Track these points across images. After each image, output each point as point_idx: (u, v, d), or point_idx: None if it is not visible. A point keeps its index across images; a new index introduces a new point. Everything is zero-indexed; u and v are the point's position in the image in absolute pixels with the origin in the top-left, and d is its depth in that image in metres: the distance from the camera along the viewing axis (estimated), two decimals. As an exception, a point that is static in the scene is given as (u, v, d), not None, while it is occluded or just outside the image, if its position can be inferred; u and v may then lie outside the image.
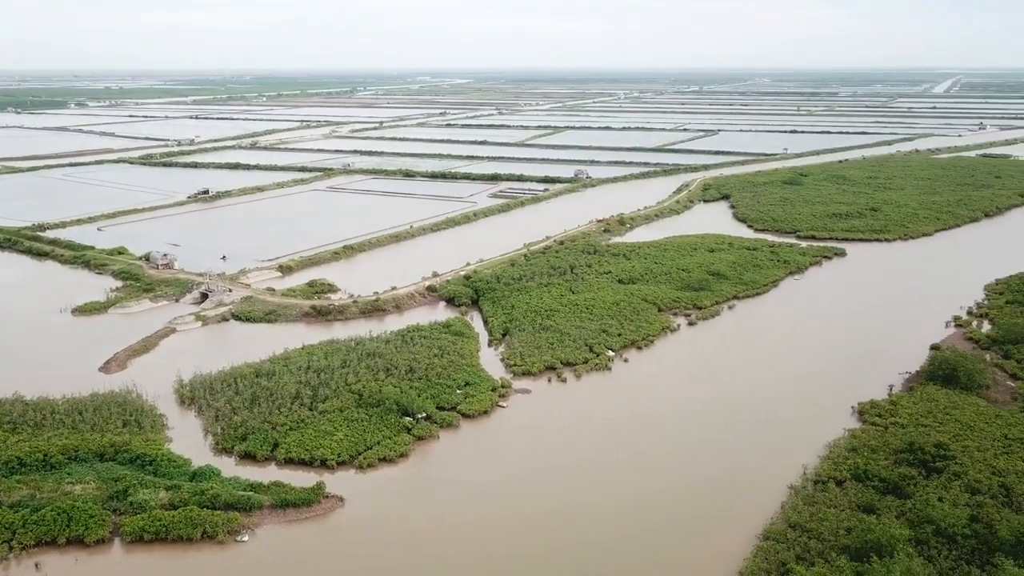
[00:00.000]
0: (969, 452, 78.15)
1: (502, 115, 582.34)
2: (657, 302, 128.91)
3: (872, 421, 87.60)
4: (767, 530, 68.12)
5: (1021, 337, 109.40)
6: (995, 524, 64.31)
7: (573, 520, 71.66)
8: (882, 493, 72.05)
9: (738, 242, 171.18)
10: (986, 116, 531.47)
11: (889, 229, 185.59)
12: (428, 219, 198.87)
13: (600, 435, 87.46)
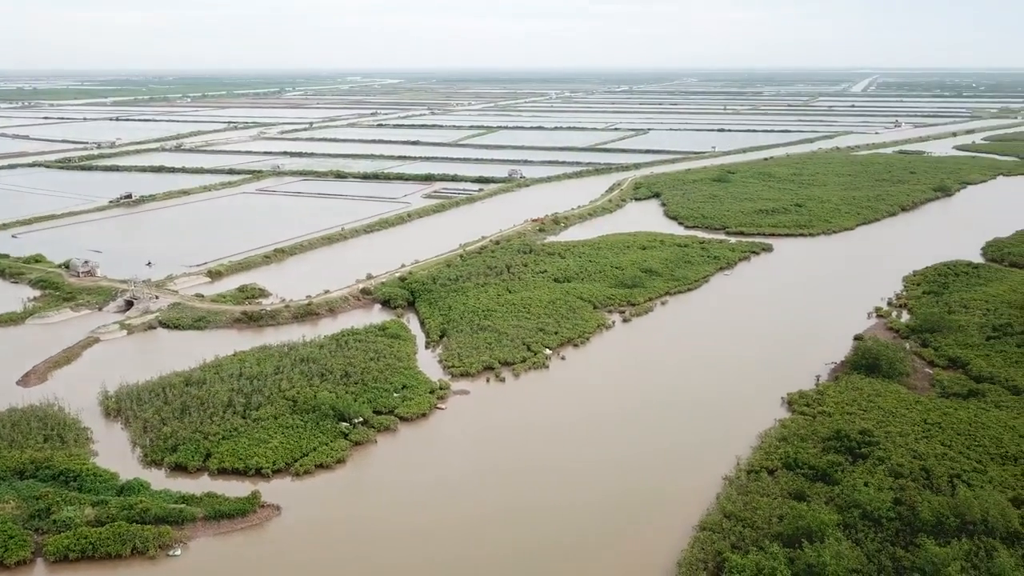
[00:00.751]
0: (892, 437, 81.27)
1: (434, 115, 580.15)
2: (592, 300, 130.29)
3: (801, 411, 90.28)
4: (703, 521, 69.53)
5: (937, 326, 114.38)
6: (917, 506, 67.08)
7: (514, 520, 71.84)
8: (812, 480, 74.34)
9: (669, 239, 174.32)
10: (901, 114, 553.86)
11: (813, 224, 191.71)
12: (361, 220, 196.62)
13: (539, 434, 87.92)
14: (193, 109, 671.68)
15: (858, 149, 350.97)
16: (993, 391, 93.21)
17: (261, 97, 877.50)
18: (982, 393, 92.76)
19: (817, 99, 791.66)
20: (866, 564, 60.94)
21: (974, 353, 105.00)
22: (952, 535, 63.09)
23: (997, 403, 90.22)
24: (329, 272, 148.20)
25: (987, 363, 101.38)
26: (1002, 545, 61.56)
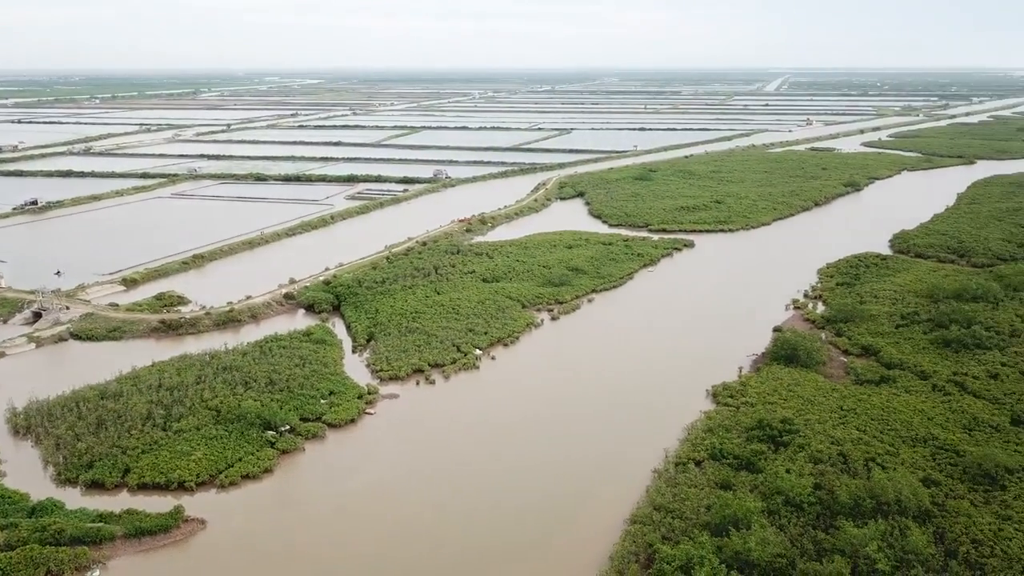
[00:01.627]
0: (811, 425, 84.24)
1: (356, 115, 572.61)
2: (521, 299, 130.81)
3: (725, 402, 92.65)
4: (634, 514, 70.64)
5: (850, 316, 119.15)
6: (836, 490, 69.73)
7: (446, 522, 71.49)
8: (736, 469, 76.40)
9: (594, 238, 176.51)
10: (812, 112, 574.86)
11: (732, 220, 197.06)
12: (283, 224, 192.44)
13: (470, 435, 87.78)
14: (102, 111, 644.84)
15: (773, 147, 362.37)
16: (903, 377, 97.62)
17: (175, 98, 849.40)
18: (893, 379, 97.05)
19: (733, 98, 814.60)
20: (789, 548, 62.96)
21: (885, 341, 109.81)
22: (869, 516, 65.75)
23: (907, 388, 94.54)
24: (251, 277, 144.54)
25: (897, 350, 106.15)
26: (914, 524, 64.54)
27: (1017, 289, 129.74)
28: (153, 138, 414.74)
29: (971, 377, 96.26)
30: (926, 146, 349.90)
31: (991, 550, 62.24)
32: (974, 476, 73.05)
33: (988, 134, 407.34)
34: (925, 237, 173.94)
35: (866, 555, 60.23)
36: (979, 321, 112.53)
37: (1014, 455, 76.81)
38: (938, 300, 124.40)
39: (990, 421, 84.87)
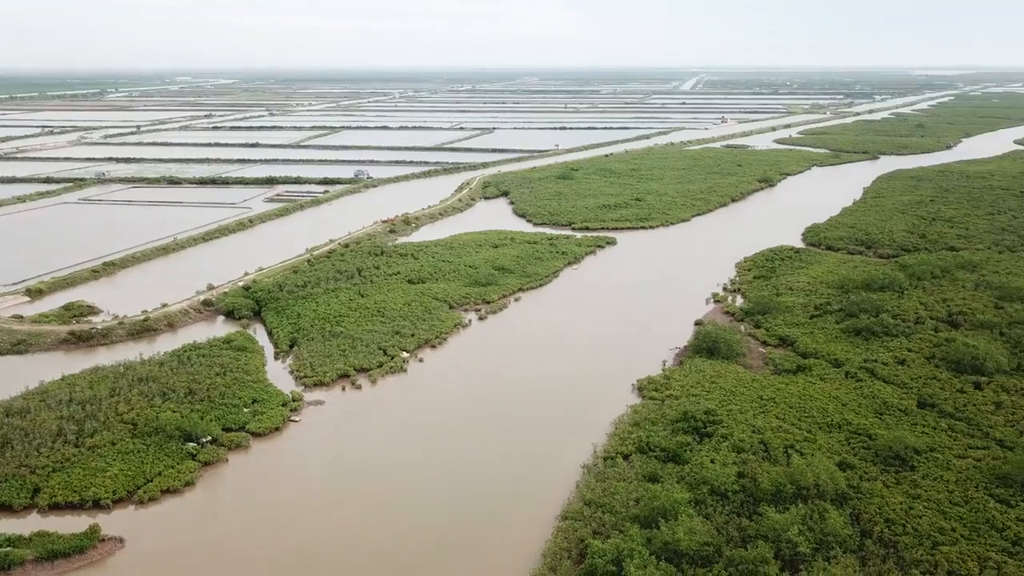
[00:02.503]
0: (733, 415, 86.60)
1: (274, 116, 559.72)
2: (447, 300, 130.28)
3: (650, 396, 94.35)
4: (565, 510, 71.21)
5: (767, 308, 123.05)
6: (758, 477, 71.89)
7: (376, 527, 70.57)
8: (663, 462, 77.89)
9: (519, 236, 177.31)
10: (726, 111, 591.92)
11: (653, 217, 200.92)
12: (199, 228, 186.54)
13: (399, 438, 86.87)
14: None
15: (690, 144, 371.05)
16: (818, 365, 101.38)
17: (80, 99, 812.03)
18: (808, 368, 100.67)
19: (651, 97, 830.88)
20: (716, 536, 64.58)
21: (800, 331, 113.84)
22: (790, 501, 68.01)
23: (822, 376, 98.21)
24: (166, 284, 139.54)
25: (811, 340, 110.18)
26: (832, 506, 67.10)
27: (920, 278, 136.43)
28: (57, 141, 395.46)
29: (880, 363, 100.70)
30: (834, 143, 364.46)
31: (903, 528, 65.20)
32: (886, 458, 76.42)
33: (890, 130, 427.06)
34: (835, 230, 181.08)
35: (788, 539, 62.27)
36: (886, 310, 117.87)
37: (921, 436, 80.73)
38: (848, 290, 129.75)
39: (899, 405, 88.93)
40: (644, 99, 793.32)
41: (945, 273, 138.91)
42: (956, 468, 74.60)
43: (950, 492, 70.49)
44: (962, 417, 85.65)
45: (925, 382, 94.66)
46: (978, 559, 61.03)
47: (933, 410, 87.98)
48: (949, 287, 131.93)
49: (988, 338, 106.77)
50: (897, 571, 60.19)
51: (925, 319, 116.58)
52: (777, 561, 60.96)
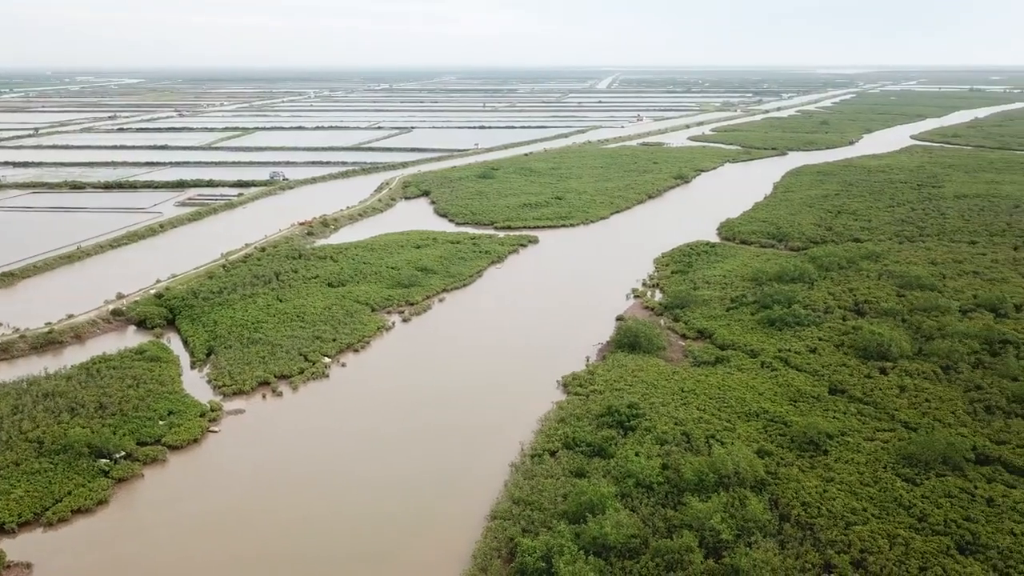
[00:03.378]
0: (656, 408, 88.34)
1: (183, 117, 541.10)
2: (369, 302, 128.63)
3: (575, 392, 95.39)
4: (494, 510, 71.30)
5: (685, 302, 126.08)
6: (681, 468, 73.55)
7: (300, 535, 69.09)
8: (590, 456, 78.87)
9: (442, 236, 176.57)
10: (642, 109, 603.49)
11: (573, 215, 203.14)
12: (106, 235, 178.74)
13: (322, 445, 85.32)
14: None
15: (607, 143, 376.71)
16: (735, 356, 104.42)
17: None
18: (726, 359, 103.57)
19: (568, 96, 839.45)
20: (643, 528, 65.77)
21: (717, 324, 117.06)
22: (712, 490, 69.85)
23: (739, 367, 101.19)
24: (72, 295, 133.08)
25: (728, 332, 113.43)
26: (752, 493, 69.25)
27: (828, 269, 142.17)
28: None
29: (794, 352, 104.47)
30: (744, 139, 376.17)
31: (818, 510, 67.82)
32: (801, 444, 79.35)
33: (796, 127, 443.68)
34: (748, 224, 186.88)
35: (711, 527, 63.94)
36: (798, 300, 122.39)
37: (833, 422, 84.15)
38: (762, 283, 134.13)
39: (812, 392, 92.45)
40: (562, 98, 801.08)
41: (851, 264, 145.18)
42: (866, 451, 78.05)
43: (861, 474, 73.70)
44: (870, 401, 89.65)
45: (835, 369, 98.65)
46: (888, 536, 63.99)
47: (843, 396, 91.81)
48: (855, 277, 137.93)
49: (892, 325, 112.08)
50: (814, 552, 62.54)
51: (834, 308, 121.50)
52: (701, 549, 62.52)
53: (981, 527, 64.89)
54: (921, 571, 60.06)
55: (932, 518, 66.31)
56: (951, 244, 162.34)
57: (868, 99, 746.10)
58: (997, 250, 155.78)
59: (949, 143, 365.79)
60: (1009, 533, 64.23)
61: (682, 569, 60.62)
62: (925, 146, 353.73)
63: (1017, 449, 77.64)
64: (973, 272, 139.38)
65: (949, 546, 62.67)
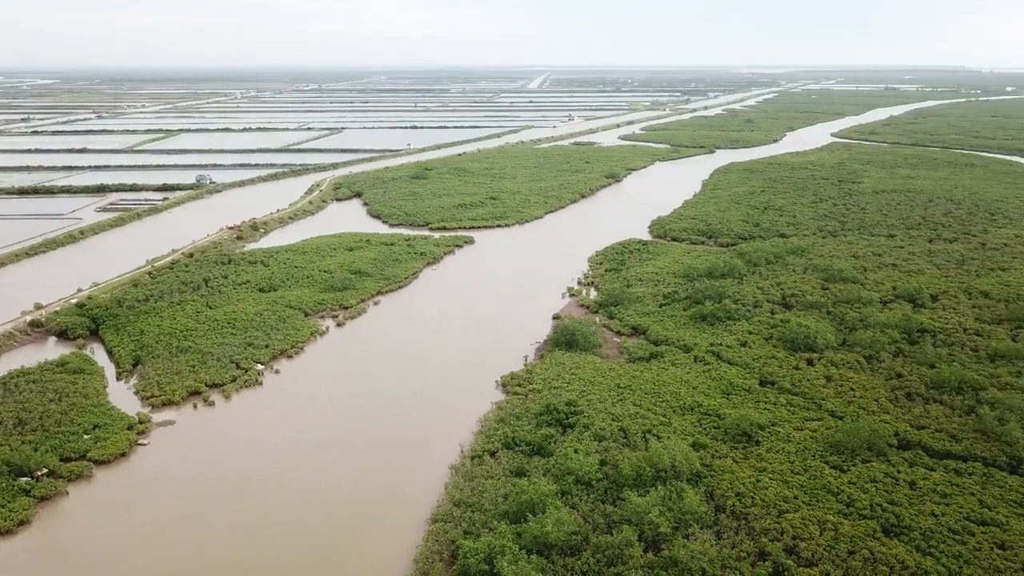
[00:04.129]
0: (593, 405, 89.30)
1: (102, 119, 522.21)
2: (303, 307, 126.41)
3: (514, 391, 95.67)
4: (435, 513, 70.96)
5: (620, 299, 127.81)
6: (619, 464, 74.52)
7: (237, 548, 67.49)
8: (529, 455, 79.21)
9: (376, 238, 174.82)
10: (573, 108, 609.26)
11: (508, 215, 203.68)
12: (21, 243, 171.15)
13: (257, 453, 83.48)
14: None
15: (540, 142, 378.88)
16: (669, 351, 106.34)
17: None
18: (661, 354, 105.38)
19: (500, 96, 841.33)
20: (583, 525, 66.40)
21: (651, 320, 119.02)
22: (650, 484, 70.99)
23: (673, 362, 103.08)
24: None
25: (662, 327, 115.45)
26: (688, 486, 70.61)
27: (756, 264, 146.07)
28: None
29: (725, 346, 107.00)
30: (673, 138, 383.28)
31: (752, 500, 69.62)
32: (734, 436, 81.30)
33: (723, 125, 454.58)
34: (678, 222, 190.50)
35: (650, 521, 64.97)
36: (728, 295, 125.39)
37: (764, 413, 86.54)
38: (693, 279, 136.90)
39: (743, 385, 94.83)
40: (493, 98, 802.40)
41: (778, 258, 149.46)
42: (795, 440, 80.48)
43: (791, 463, 75.96)
44: (798, 392, 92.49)
45: (765, 361, 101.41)
46: (818, 522, 66.12)
47: (773, 387, 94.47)
48: (782, 271, 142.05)
49: (817, 317, 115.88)
50: (748, 541, 64.16)
51: (762, 302, 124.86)
52: (641, 543, 63.46)
53: (904, 510, 67.67)
54: (849, 555, 62.26)
55: (859, 503, 68.84)
56: (871, 238, 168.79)
57: (790, 98, 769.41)
58: (913, 243, 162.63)
59: (867, 140, 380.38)
60: (930, 515, 67.15)
61: (622, 563, 61.45)
62: (845, 143, 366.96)
63: (936, 433, 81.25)
64: (892, 264, 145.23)
65: (875, 529, 65.15)
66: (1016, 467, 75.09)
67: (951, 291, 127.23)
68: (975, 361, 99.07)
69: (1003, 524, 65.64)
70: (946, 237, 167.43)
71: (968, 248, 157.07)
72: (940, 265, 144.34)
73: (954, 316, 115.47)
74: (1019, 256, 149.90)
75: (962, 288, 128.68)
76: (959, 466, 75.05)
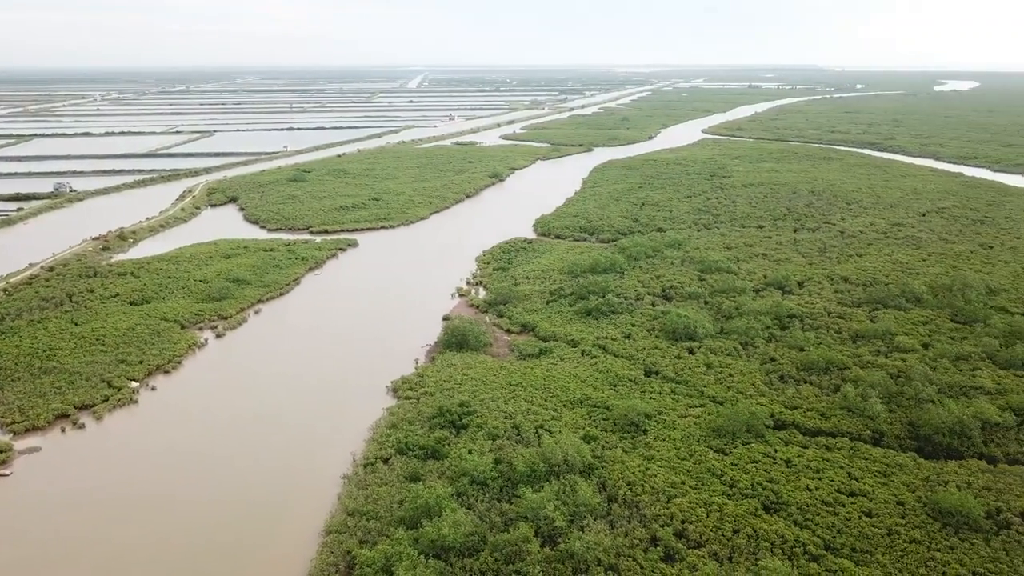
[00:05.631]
0: (485, 404, 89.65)
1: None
2: (179, 319, 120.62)
3: (406, 395, 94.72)
4: (328, 524, 69.32)
5: (508, 298, 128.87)
6: (514, 461, 75.14)
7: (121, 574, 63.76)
8: (423, 459, 78.65)
9: (254, 244, 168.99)
10: (453, 108, 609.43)
11: (392, 217, 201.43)
12: None
13: (136, 475, 78.96)
14: None
15: (422, 142, 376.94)
16: (557, 347, 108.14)
17: None
18: (549, 350, 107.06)
19: (379, 96, 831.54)
20: (480, 525, 66.53)
21: (539, 317, 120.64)
22: (544, 480, 71.96)
23: (562, 357, 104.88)
24: None
25: (550, 324, 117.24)
26: (581, 478, 72.05)
27: (636, 259, 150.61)
28: None
29: (611, 339, 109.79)
30: (553, 137, 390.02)
31: (642, 488, 71.79)
32: (622, 426, 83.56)
33: (600, 124, 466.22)
34: (561, 220, 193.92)
35: (545, 516, 65.87)
36: (611, 290, 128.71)
37: (650, 402, 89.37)
38: (577, 275, 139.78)
39: (629, 376, 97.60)
40: (372, 98, 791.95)
41: (656, 252, 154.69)
42: (680, 427, 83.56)
43: (677, 449, 78.82)
44: (681, 380, 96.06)
45: (649, 352, 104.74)
46: (704, 505, 68.93)
47: (658, 377, 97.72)
48: (661, 265, 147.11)
49: (696, 307, 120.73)
50: (640, 528, 66.10)
51: (644, 295, 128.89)
52: (538, 538, 64.27)
53: (782, 487, 71.53)
54: (734, 533, 65.22)
55: (741, 483, 72.24)
56: (742, 229, 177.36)
57: (663, 96, 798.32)
58: (780, 233, 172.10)
59: (735, 136, 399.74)
60: (805, 489, 71.28)
61: (520, 560, 61.99)
62: (715, 139, 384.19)
63: (807, 413, 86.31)
64: (762, 254, 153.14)
65: (757, 507, 68.54)
66: (878, 440, 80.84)
67: (815, 277, 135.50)
68: (839, 342, 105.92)
69: (869, 493, 70.50)
70: (809, 227, 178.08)
71: (829, 236, 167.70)
72: (805, 253, 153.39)
73: (819, 301, 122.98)
74: (874, 243, 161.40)
75: (825, 274, 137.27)
76: (829, 442, 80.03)
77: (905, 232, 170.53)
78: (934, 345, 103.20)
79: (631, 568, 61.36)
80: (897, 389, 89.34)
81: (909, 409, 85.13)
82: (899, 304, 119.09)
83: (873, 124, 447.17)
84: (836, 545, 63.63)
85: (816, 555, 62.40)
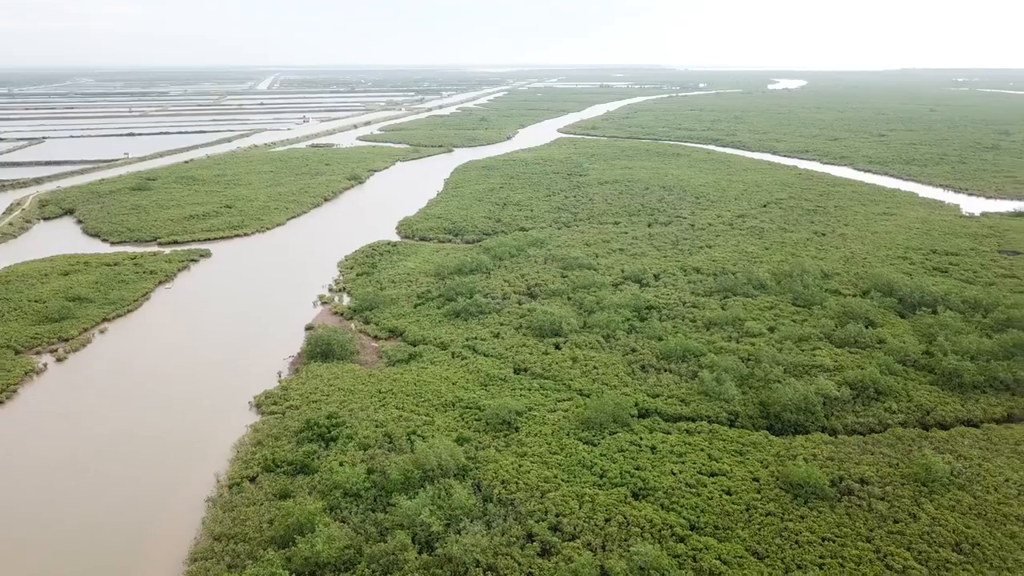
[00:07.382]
0: (355, 414, 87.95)
1: None
2: (12, 344, 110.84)
3: (270, 411, 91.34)
4: (193, 551, 65.88)
5: (374, 303, 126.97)
6: (387, 470, 74.18)
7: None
8: (292, 475, 76.18)
9: (95, 259, 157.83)
10: (307, 110, 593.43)
11: (246, 224, 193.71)
12: None
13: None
14: None
15: (275, 145, 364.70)
16: (427, 351, 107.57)
17: None
18: (419, 354, 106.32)
19: (226, 97, 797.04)
20: (355, 537, 65.24)
21: (407, 321, 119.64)
22: (418, 486, 71.48)
23: (432, 360, 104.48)
24: None
25: (418, 328, 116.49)
26: (456, 481, 72.06)
27: (502, 258, 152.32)
28: None
29: (480, 340, 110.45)
30: (412, 137, 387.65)
31: (516, 485, 72.70)
32: (495, 425, 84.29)
33: (459, 124, 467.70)
34: (425, 221, 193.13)
35: (422, 522, 65.47)
36: (478, 290, 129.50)
37: (520, 399, 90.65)
38: (444, 277, 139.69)
39: (499, 375, 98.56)
40: (219, 100, 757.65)
41: (520, 251, 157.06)
42: (550, 422, 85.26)
43: (548, 444, 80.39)
44: (549, 376, 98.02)
45: (517, 350, 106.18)
46: (576, 497, 70.69)
47: (527, 374, 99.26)
48: (525, 263, 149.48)
49: (560, 304, 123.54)
50: (517, 525, 66.92)
51: (510, 294, 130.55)
52: (415, 545, 63.79)
53: (649, 473, 74.47)
54: (606, 522, 67.27)
55: (610, 473, 74.60)
56: (600, 226, 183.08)
57: (519, 96, 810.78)
58: (635, 228, 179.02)
59: (589, 135, 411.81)
60: (670, 474, 74.55)
61: (399, 569, 61.31)
62: (570, 138, 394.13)
63: (668, 399, 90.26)
64: (619, 249, 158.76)
65: (626, 495, 71.01)
66: (734, 421, 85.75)
67: (670, 269, 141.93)
68: (694, 331, 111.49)
69: (728, 473, 74.65)
70: (662, 221, 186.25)
71: (680, 230, 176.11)
72: (659, 247, 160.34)
73: (674, 292, 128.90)
74: (721, 234, 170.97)
75: (679, 266, 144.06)
76: (689, 426, 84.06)
77: (749, 223, 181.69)
78: (779, 328, 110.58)
79: (509, 566, 62.04)
80: (748, 372, 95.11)
81: (760, 390, 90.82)
82: (747, 291, 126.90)
83: (716, 121, 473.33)
84: (700, 524, 66.97)
85: (683, 536, 65.42)
